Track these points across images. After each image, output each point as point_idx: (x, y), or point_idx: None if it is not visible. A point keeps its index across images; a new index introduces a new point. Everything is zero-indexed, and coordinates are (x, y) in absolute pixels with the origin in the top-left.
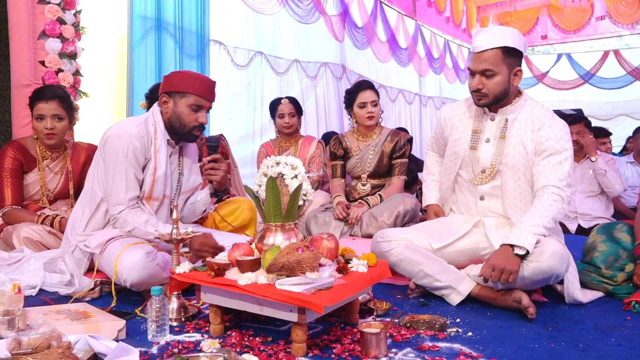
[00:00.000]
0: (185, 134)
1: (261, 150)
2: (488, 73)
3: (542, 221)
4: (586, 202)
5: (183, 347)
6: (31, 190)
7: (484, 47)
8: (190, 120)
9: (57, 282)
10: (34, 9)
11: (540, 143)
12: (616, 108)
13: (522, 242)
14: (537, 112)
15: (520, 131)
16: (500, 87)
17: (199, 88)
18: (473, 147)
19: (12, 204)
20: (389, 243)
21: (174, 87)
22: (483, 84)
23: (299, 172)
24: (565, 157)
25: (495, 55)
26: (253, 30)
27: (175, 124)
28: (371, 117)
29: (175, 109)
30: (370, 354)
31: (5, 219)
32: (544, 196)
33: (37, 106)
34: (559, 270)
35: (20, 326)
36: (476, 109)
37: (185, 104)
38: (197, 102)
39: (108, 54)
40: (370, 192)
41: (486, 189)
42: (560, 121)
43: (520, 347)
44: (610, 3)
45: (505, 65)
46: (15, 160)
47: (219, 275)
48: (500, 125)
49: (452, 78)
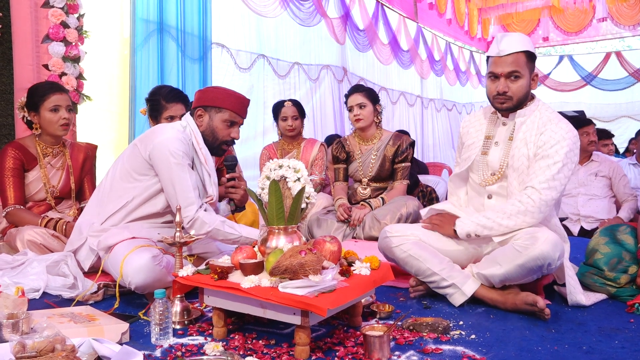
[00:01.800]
0: (215, 147)
1: (263, 153)
2: (515, 75)
3: (495, 216)
4: (589, 205)
5: (186, 350)
6: (34, 188)
7: (510, 50)
8: (224, 135)
9: (60, 285)
10: (37, 13)
11: (539, 147)
12: (618, 110)
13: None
14: (544, 116)
15: (526, 134)
16: (524, 90)
17: (234, 104)
18: (484, 152)
19: (15, 203)
20: (398, 238)
21: (210, 101)
22: (508, 87)
23: (302, 175)
24: (554, 162)
25: (520, 58)
26: (255, 33)
27: (208, 137)
28: (358, 120)
29: (210, 122)
30: (373, 356)
31: (9, 219)
32: (517, 196)
33: (51, 98)
34: (552, 257)
35: (25, 329)
36: (490, 116)
37: (220, 119)
38: (232, 117)
39: (110, 57)
40: (371, 196)
41: (494, 188)
42: (565, 127)
43: (523, 349)
44: (612, 4)
45: (528, 69)
46: (16, 159)
47: (222, 278)
48: (510, 128)
49: (453, 80)
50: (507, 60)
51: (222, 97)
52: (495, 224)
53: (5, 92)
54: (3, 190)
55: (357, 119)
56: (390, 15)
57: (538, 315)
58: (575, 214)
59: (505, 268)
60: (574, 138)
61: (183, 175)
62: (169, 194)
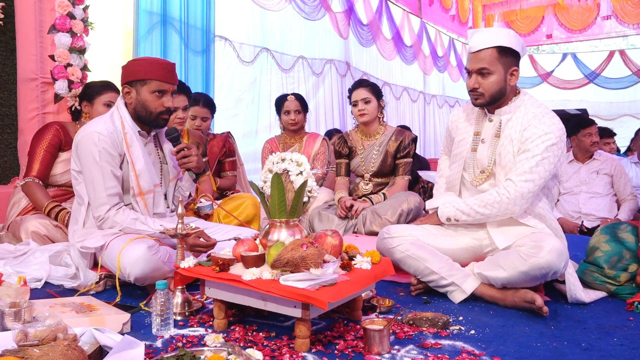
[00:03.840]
0: (153, 121)
1: (265, 147)
2: (484, 72)
3: (474, 204)
4: (590, 203)
5: (187, 341)
6: (62, 168)
7: (479, 46)
8: (156, 106)
9: (62, 276)
10: (41, 3)
11: (522, 143)
12: (621, 108)
13: (441, 210)
14: (530, 112)
15: (512, 131)
16: (496, 87)
17: (159, 72)
18: (474, 149)
19: (37, 176)
20: (395, 239)
21: (133, 75)
22: (479, 83)
23: (304, 168)
24: (533, 155)
25: (490, 54)
26: (259, 26)
27: (141, 113)
28: (362, 115)
29: (138, 97)
30: (373, 350)
31: (24, 188)
32: (497, 187)
33: (108, 94)
34: (557, 267)
35: (27, 318)
36: (478, 111)
37: (147, 90)
38: (160, 87)
39: (114, 49)
40: (372, 191)
41: (486, 187)
42: (548, 122)
43: (522, 345)
44: (617, 3)
45: (500, 65)
46: (56, 137)
47: (224, 270)
48: (496, 125)
49: (456, 76)
50: (477, 56)
51: (144, 68)
52: (472, 211)
53: (8, 82)
54: (31, 160)
55: (361, 113)
56: (394, 11)
57: (536, 312)
58: (576, 212)
59: (508, 273)
60: (557, 132)
61: (98, 174)
62: (87, 189)
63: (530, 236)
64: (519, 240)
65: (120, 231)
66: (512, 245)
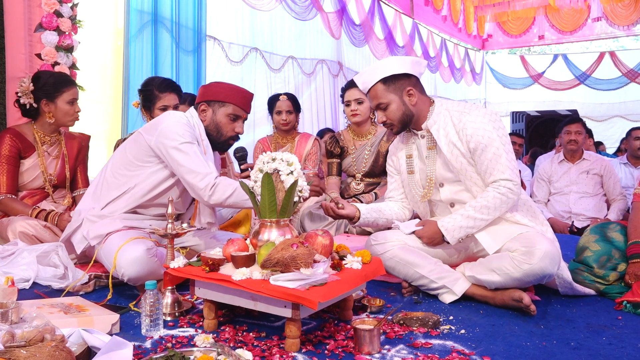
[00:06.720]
0: (221, 143)
1: (257, 146)
2: (381, 106)
3: (480, 214)
4: (580, 202)
5: (177, 341)
6: (29, 176)
7: (367, 86)
8: (227, 130)
9: (50, 276)
10: (30, 1)
11: (469, 142)
12: (611, 109)
13: (450, 235)
14: (454, 112)
15: (449, 136)
16: (399, 113)
17: (238, 98)
18: (410, 172)
19: (7, 192)
20: (382, 245)
21: (214, 96)
22: (385, 116)
23: (295, 168)
24: (496, 147)
25: (378, 89)
26: (249, 26)
27: (212, 133)
28: (355, 115)
29: (214, 117)
30: (363, 350)
31: (1, 208)
32: (491, 188)
33: (71, 90)
34: (550, 271)
35: (14, 319)
36: (404, 135)
37: (224, 113)
38: (236, 112)
39: (104, 48)
40: (364, 191)
41: (448, 194)
42: (478, 111)
43: (512, 344)
44: (607, 4)
45: (392, 93)
46: (12, 147)
47: (214, 271)
48: (429, 138)
49: (448, 77)
50: (370, 95)
51: (226, 91)
52: (480, 222)
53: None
54: None
55: (353, 114)
56: (386, 11)
57: (525, 311)
58: (566, 212)
59: (502, 278)
60: (491, 116)
61: (193, 150)
62: (181, 172)
63: (520, 239)
64: (508, 243)
65: (230, 197)
66: (502, 249)
